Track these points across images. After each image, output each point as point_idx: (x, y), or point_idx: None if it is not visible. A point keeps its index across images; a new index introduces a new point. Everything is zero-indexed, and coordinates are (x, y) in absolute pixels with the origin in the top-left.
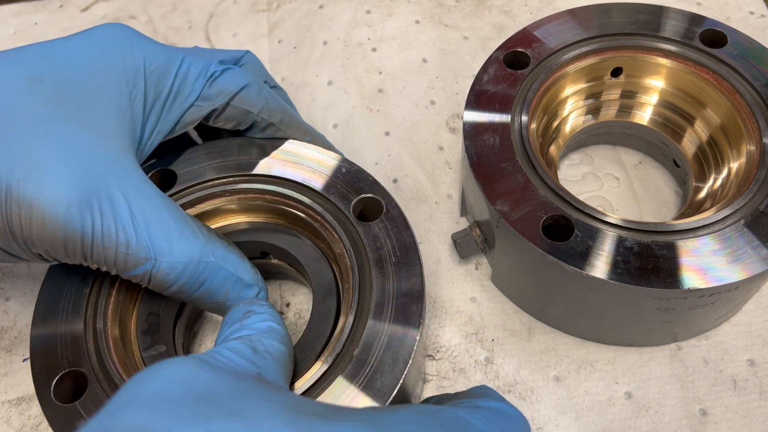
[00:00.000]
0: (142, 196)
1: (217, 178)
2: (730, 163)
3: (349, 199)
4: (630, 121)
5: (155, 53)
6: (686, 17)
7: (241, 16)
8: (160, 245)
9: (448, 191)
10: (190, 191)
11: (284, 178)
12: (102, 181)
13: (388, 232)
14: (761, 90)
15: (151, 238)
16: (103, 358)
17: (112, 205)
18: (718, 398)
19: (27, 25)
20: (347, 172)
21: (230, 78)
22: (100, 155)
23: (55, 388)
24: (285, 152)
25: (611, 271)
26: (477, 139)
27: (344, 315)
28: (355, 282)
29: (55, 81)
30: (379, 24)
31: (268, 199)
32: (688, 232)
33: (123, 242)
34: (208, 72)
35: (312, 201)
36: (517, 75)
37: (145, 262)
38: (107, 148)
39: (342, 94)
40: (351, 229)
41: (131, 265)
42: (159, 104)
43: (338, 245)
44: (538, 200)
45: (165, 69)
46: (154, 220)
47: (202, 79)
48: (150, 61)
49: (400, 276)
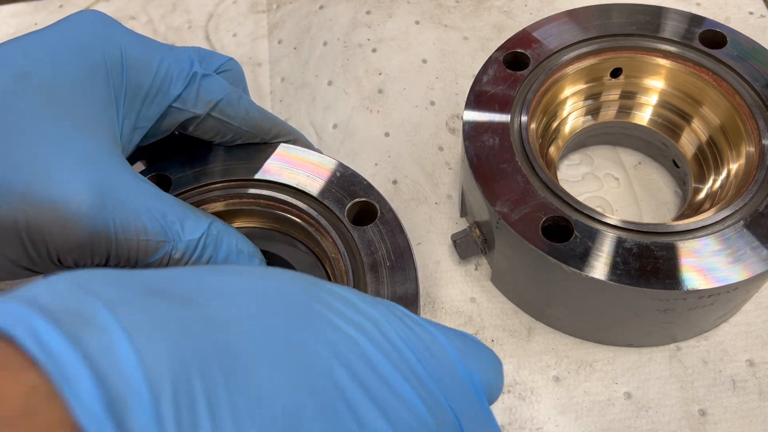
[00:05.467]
0: (141, 187)
1: (211, 182)
2: (730, 163)
3: (344, 203)
4: (629, 121)
5: (136, 46)
6: (686, 18)
7: (241, 16)
8: (174, 227)
9: (448, 192)
10: (184, 196)
11: (279, 182)
12: (107, 176)
13: (383, 236)
14: (761, 91)
15: (165, 222)
16: None
17: (123, 197)
18: (717, 398)
19: (27, 25)
20: (342, 176)
21: (210, 86)
22: (97, 151)
23: None
24: (280, 156)
25: (611, 272)
26: (477, 139)
27: None
28: (349, 286)
29: (42, 77)
30: (378, 25)
31: (263, 203)
32: (688, 233)
33: (141, 230)
34: (189, 73)
35: (307, 206)
36: (517, 76)
37: (164, 245)
38: (101, 144)
39: (342, 95)
40: (345, 233)
41: (152, 251)
42: (138, 100)
43: (333, 250)
44: (537, 201)
45: (145, 63)
46: (159, 206)
47: (182, 80)
48: (130, 54)
49: (394, 280)
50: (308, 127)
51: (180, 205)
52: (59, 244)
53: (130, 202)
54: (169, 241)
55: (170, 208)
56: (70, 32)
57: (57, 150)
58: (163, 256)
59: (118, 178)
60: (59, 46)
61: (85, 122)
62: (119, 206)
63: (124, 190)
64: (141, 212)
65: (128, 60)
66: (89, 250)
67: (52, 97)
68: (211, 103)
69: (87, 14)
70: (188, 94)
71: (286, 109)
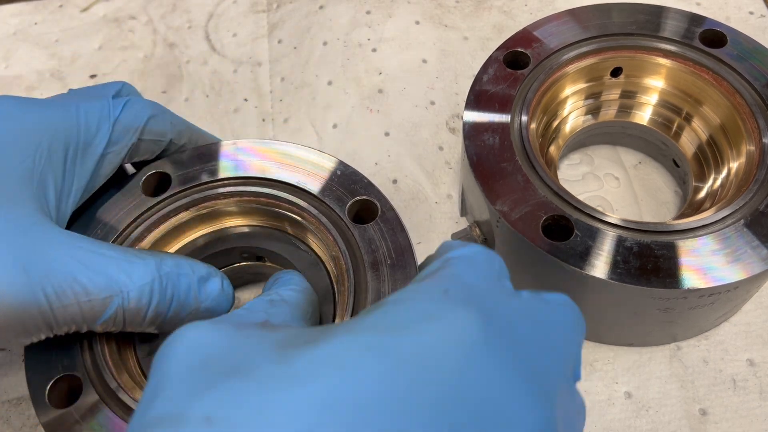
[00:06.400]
0: (75, 247)
1: (211, 181)
2: (730, 163)
3: (344, 201)
4: (630, 121)
5: (48, 111)
6: (686, 17)
7: (241, 16)
8: (119, 278)
9: (448, 191)
10: (184, 194)
11: (280, 180)
12: (30, 247)
13: (384, 235)
14: (761, 90)
15: (107, 276)
16: (98, 362)
17: (51, 264)
18: (717, 398)
19: (27, 25)
20: (342, 175)
21: (133, 112)
22: (16, 226)
23: (50, 392)
24: (281, 155)
25: (611, 270)
26: (477, 139)
27: (339, 318)
28: (350, 285)
29: None
30: (379, 24)
31: (263, 201)
32: (688, 232)
33: (82, 292)
34: (109, 112)
35: (308, 204)
36: (517, 75)
37: (111, 300)
38: (20, 217)
39: (342, 95)
40: (346, 232)
41: (100, 310)
42: (69, 161)
43: (333, 248)
44: (537, 200)
45: (65, 124)
46: (98, 261)
47: (106, 122)
48: (46, 122)
49: (395, 278)
50: (308, 126)
51: (122, 252)
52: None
53: (62, 266)
54: (117, 294)
55: (110, 260)
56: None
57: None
58: (116, 311)
59: (44, 247)
60: None
61: (6, 197)
62: (48, 275)
63: (52, 257)
64: (77, 273)
65: (47, 128)
66: (23, 331)
67: None
68: (139, 127)
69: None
70: (116, 131)
71: (286, 108)
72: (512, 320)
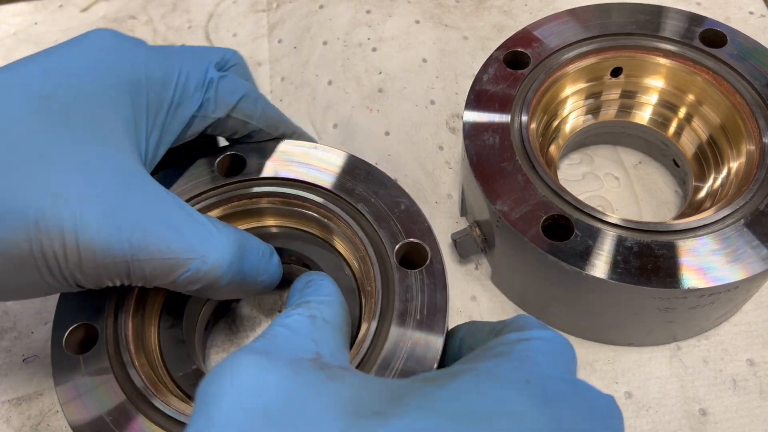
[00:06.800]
0: (165, 204)
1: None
2: (730, 162)
3: (397, 240)
4: (630, 120)
5: (153, 62)
6: (686, 17)
7: (241, 16)
8: (203, 242)
9: (448, 191)
10: (226, 189)
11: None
12: (125, 197)
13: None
14: (761, 90)
15: (193, 238)
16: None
17: (142, 217)
18: (717, 398)
19: (27, 25)
20: (406, 210)
21: (228, 88)
22: (115, 173)
23: (68, 337)
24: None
25: (611, 270)
26: (477, 138)
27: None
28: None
29: (63, 99)
30: (379, 24)
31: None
32: (688, 232)
33: (165, 249)
34: (206, 80)
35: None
36: (517, 75)
37: (191, 263)
38: (123, 163)
39: (342, 94)
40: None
41: (179, 268)
42: (161, 116)
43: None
44: (537, 200)
45: (165, 79)
46: (187, 222)
47: (201, 89)
48: (149, 72)
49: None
50: (308, 126)
51: (207, 218)
52: (74, 269)
53: (151, 220)
54: (197, 258)
55: (198, 225)
56: (89, 52)
57: (71, 175)
58: (193, 274)
59: (138, 198)
60: (79, 65)
61: (105, 144)
62: (137, 227)
63: (144, 210)
64: (165, 231)
65: (148, 78)
66: (106, 273)
67: (72, 120)
68: (230, 105)
69: (102, 33)
70: (208, 101)
71: (287, 108)
72: (578, 424)
